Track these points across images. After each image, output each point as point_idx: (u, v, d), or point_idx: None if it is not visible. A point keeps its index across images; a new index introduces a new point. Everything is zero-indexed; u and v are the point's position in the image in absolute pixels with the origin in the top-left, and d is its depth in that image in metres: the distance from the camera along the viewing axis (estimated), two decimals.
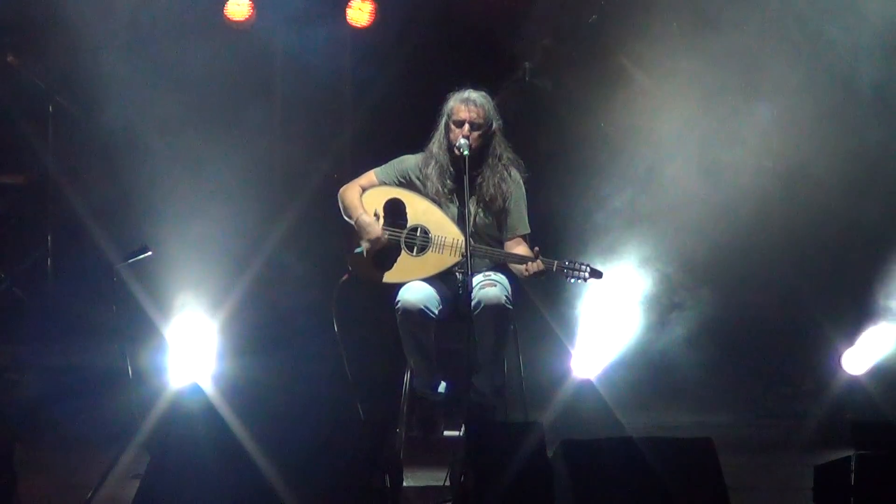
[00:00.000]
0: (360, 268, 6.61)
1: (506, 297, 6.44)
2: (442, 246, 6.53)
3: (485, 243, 6.56)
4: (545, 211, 7.05)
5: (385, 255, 6.58)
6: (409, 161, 6.70)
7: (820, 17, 8.11)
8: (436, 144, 6.63)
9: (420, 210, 6.59)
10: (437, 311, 6.48)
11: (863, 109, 8.14)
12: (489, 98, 6.60)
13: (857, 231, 8.35)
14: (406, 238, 6.58)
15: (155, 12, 8.23)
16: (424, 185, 6.62)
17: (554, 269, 6.41)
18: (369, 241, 6.55)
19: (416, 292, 6.46)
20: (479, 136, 6.53)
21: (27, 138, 8.41)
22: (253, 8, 8.65)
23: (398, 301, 6.47)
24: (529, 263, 6.41)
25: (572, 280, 6.44)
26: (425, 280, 6.52)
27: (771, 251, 8.46)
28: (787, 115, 8.44)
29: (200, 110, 8.15)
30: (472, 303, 6.37)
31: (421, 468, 6.25)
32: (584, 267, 6.43)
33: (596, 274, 6.44)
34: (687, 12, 8.31)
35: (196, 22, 8.33)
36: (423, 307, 6.43)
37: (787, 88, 8.32)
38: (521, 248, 6.58)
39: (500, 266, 6.59)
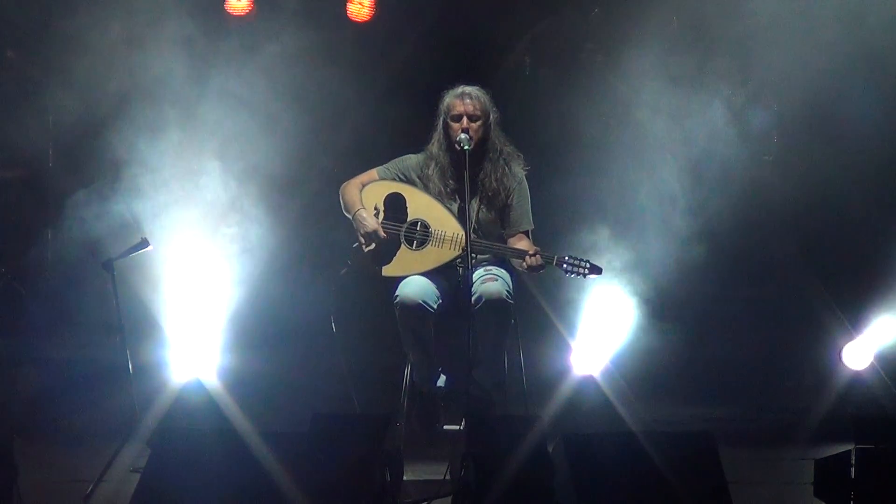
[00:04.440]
0: (360, 261, 6.62)
1: (507, 291, 6.44)
2: (441, 240, 6.53)
3: (487, 239, 6.56)
4: (545, 206, 7.03)
5: (385, 248, 6.59)
6: (411, 160, 6.72)
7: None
8: (435, 145, 6.64)
9: (421, 205, 6.59)
10: (435, 306, 6.48)
11: (862, 101, 8.14)
12: (484, 91, 6.60)
13: (858, 225, 8.35)
14: (406, 232, 6.59)
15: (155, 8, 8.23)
16: (427, 186, 6.62)
17: (554, 263, 6.43)
18: (366, 235, 6.56)
19: (415, 287, 6.46)
20: (479, 127, 6.53)
21: (27, 132, 8.40)
22: (253, 2, 8.64)
23: (397, 295, 6.47)
24: (528, 258, 6.41)
25: (572, 275, 6.46)
26: (425, 274, 6.53)
27: (771, 245, 8.45)
28: (786, 108, 8.44)
29: (200, 107, 8.13)
30: (473, 297, 6.37)
31: (421, 462, 6.26)
32: (584, 262, 6.44)
33: (595, 270, 6.46)
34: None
35: (196, 15, 8.32)
36: (421, 301, 6.43)
37: (785, 83, 8.32)
38: (523, 244, 6.58)
39: (501, 260, 6.59)
